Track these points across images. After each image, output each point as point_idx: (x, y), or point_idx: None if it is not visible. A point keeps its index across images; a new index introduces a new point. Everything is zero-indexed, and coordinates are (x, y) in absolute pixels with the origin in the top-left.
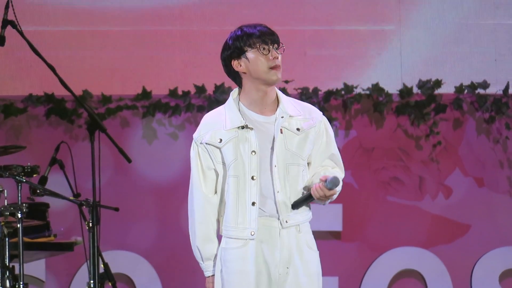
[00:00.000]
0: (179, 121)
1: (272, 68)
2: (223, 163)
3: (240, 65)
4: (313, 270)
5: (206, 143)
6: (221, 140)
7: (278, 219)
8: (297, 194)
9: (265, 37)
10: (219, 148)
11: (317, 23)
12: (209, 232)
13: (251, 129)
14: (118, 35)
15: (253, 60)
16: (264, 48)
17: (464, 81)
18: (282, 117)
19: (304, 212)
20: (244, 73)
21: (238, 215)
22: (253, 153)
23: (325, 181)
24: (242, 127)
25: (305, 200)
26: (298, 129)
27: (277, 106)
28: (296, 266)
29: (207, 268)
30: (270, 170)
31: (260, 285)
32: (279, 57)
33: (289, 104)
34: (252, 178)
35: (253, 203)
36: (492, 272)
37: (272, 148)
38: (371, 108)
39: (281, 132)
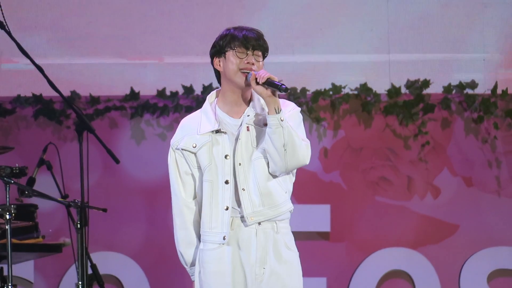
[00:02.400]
0: (167, 122)
1: (242, 69)
2: (199, 168)
3: (219, 64)
4: (292, 271)
5: (182, 149)
6: (195, 145)
7: (243, 216)
8: (269, 187)
9: (248, 42)
10: (194, 153)
11: (305, 23)
12: (190, 237)
13: (224, 133)
14: (106, 35)
15: (228, 60)
16: (241, 52)
17: (452, 81)
18: (248, 115)
19: (275, 208)
20: (222, 72)
21: (211, 219)
22: (227, 157)
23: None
24: (216, 131)
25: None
26: (265, 124)
27: None
28: (273, 266)
29: (193, 272)
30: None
31: (237, 286)
32: (259, 64)
33: (259, 102)
34: (226, 182)
35: (226, 208)
36: (480, 273)
37: (236, 148)
38: (359, 108)
39: (248, 130)
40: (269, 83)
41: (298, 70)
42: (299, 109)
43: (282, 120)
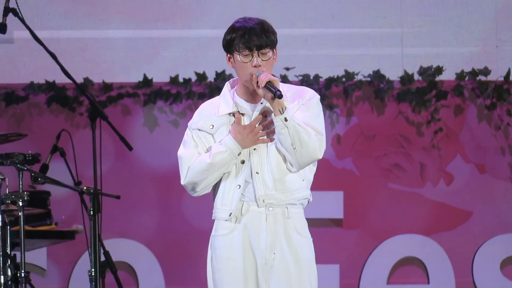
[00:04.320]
0: (180, 109)
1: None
2: None
3: (231, 61)
4: (302, 256)
5: (198, 129)
6: (212, 126)
7: (255, 198)
8: (282, 173)
9: (250, 42)
10: (212, 134)
11: (318, 10)
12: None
13: (242, 114)
14: (119, 22)
15: (237, 63)
16: (246, 55)
17: (465, 68)
18: (265, 102)
19: (288, 193)
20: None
21: (224, 196)
22: None
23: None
24: (234, 114)
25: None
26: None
27: None
28: (283, 251)
29: (227, 147)
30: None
31: (248, 271)
32: (266, 63)
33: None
34: (242, 162)
35: (239, 186)
36: (493, 259)
37: None
38: (372, 95)
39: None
40: (268, 87)
41: (311, 57)
42: (319, 96)
43: (286, 121)
